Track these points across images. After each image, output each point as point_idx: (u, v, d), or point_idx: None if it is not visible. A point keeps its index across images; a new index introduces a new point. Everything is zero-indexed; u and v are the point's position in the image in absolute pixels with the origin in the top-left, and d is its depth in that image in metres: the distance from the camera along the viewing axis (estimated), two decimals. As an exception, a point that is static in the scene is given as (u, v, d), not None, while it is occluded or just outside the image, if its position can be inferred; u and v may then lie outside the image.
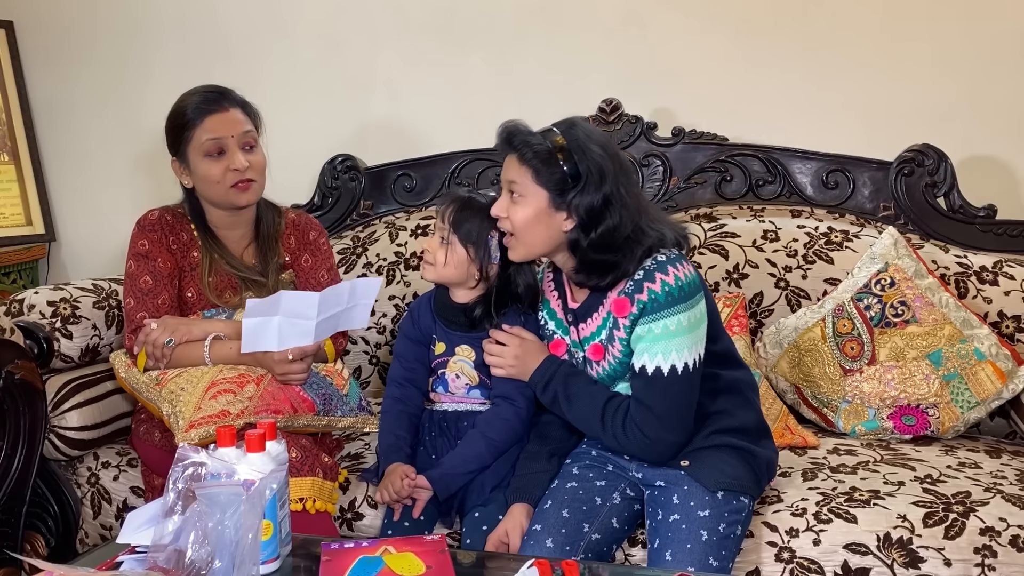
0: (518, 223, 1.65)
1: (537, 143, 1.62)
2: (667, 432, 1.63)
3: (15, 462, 1.96)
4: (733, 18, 2.53)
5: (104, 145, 3.02)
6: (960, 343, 2.05)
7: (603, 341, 1.69)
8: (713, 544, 1.56)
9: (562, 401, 1.71)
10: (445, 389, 1.86)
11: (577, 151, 1.60)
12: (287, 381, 1.85)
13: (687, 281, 1.61)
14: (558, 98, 2.61)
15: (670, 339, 1.60)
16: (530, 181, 1.62)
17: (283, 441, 1.39)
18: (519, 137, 1.64)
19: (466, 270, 1.79)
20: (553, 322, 1.79)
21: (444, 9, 2.72)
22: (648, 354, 1.61)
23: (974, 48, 2.40)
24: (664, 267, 1.61)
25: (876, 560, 1.60)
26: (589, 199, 1.60)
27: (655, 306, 1.60)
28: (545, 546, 1.60)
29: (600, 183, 1.60)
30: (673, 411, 1.63)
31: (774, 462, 1.76)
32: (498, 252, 1.78)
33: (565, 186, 1.60)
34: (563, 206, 1.61)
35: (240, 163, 1.94)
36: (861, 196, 2.38)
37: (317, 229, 2.16)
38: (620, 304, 1.64)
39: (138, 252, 1.98)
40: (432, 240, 1.82)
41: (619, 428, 1.65)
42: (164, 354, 1.88)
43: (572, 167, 1.60)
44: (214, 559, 1.18)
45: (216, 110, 1.95)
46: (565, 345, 1.77)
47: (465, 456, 1.76)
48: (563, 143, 1.61)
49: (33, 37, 3.03)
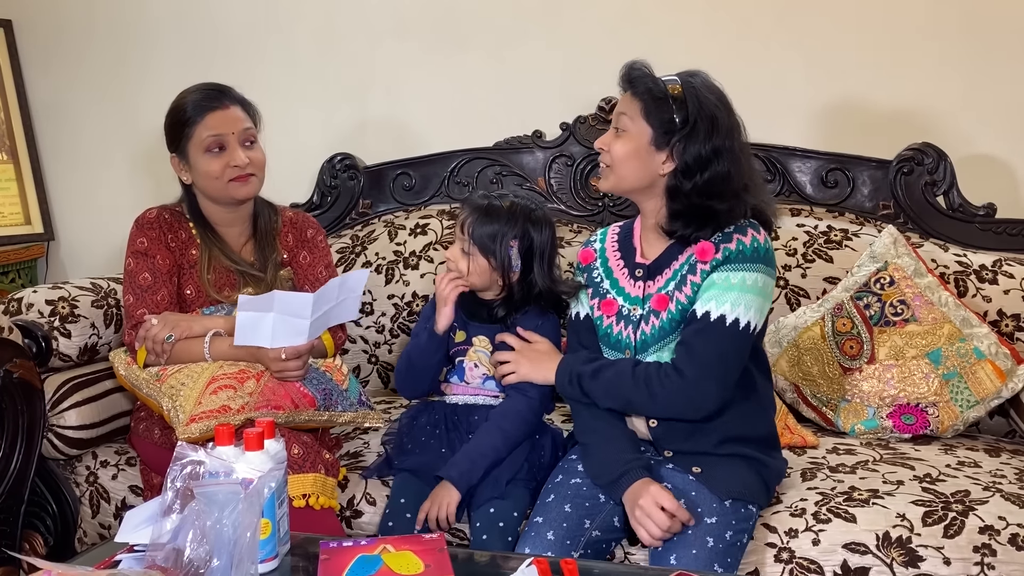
0: (617, 154, 1.68)
1: (652, 84, 1.66)
2: (706, 377, 1.61)
3: (13, 461, 1.96)
4: (733, 17, 2.53)
5: (103, 144, 3.02)
6: (959, 342, 2.05)
7: (670, 291, 1.69)
8: (719, 551, 1.55)
9: (587, 381, 1.70)
10: (460, 378, 1.87)
11: (692, 100, 1.63)
12: (284, 378, 1.85)
13: (771, 248, 1.67)
14: (558, 97, 2.61)
15: (743, 292, 1.62)
16: (638, 115, 1.66)
17: (282, 440, 1.39)
18: (637, 73, 1.68)
19: (489, 277, 1.82)
20: (609, 281, 1.79)
21: (443, 8, 2.72)
22: (716, 301, 1.62)
23: (974, 47, 2.40)
24: (756, 227, 1.67)
25: (875, 559, 1.60)
26: (697, 147, 1.63)
27: (740, 257, 1.63)
28: (546, 539, 1.60)
29: (711, 133, 1.63)
30: (716, 360, 1.61)
31: (783, 473, 1.77)
32: (519, 261, 1.80)
33: (671, 128, 1.63)
34: (665, 148, 1.65)
35: (240, 159, 1.95)
36: (861, 195, 2.38)
37: (314, 227, 2.17)
38: (705, 249, 1.66)
39: (137, 250, 1.98)
40: (454, 250, 1.83)
41: (653, 380, 1.64)
42: (164, 350, 1.88)
43: (683, 114, 1.63)
44: (212, 558, 1.18)
45: (217, 107, 1.96)
46: (617, 305, 1.76)
47: (482, 449, 1.76)
48: (678, 91, 1.64)
49: (32, 36, 3.03)
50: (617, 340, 1.75)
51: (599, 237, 1.86)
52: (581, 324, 1.81)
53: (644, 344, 1.72)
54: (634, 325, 1.73)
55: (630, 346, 1.73)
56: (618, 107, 1.71)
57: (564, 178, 2.54)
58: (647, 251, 1.76)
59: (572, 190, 2.54)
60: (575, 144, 2.52)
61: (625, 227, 1.84)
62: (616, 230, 1.85)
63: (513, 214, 1.79)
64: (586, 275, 1.82)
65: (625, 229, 1.83)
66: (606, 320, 1.77)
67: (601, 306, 1.78)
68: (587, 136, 2.49)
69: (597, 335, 1.79)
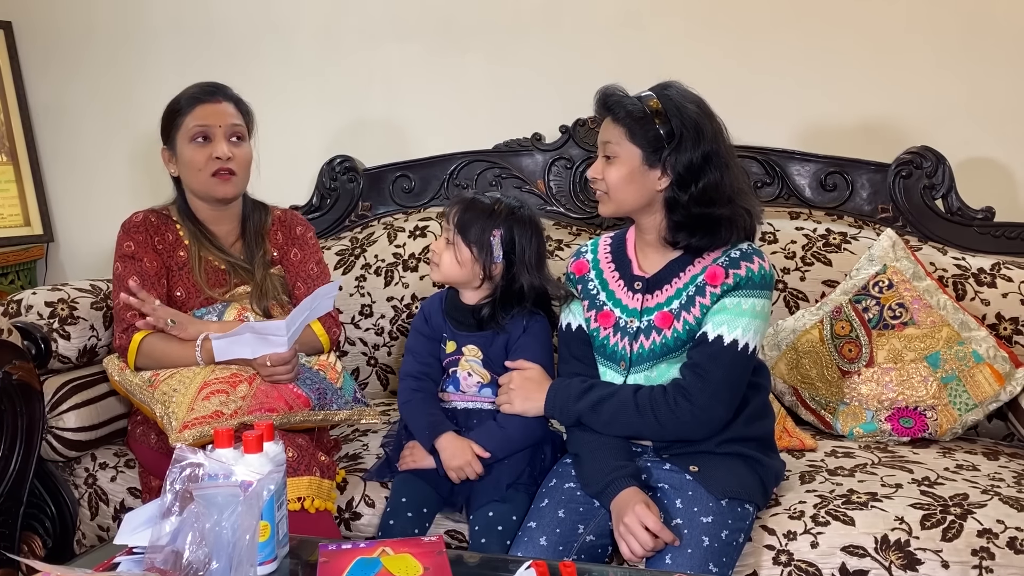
0: (612, 182, 1.69)
1: (631, 104, 1.66)
2: (717, 403, 1.65)
3: (12, 463, 1.96)
4: (732, 20, 2.54)
5: (102, 146, 3.02)
6: (958, 345, 2.05)
7: (675, 310, 1.70)
8: (714, 550, 1.55)
9: (587, 417, 1.71)
10: (456, 388, 1.87)
11: (672, 111, 1.64)
12: (275, 381, 1.86)
13: (771, 275, 1.71)
14: (557, 100, 2.62)
15: (752, 318, 1.65)
16: (624, 139, 1.67)
17: (281, 442, 1.39)
18: (613, 99, 1.69)
19: (470, 269, 1.81)
20: (605, 293, 1.79)
21: (442, 11, 2.72)
22: (728, 326, 1.65)
23: (973, 50, 2.41)
24: (761, 254, 1.70)
25: (874, 562, 1.60)
26: (687, 156, 1.64)
27: (749, 284, 1.66)
28: (539, 544, 1.61)
29: (698, 140, 1.64)
30: (727, 384, 1.65)
31: (781, 474, 1.77)
32: (500, 251, 1.80)
33: (659, 145, 1.65)
34: (657, 164, 1.66)
35: (223, 152, 1.97)
36: (859, 198, 2.38)
37: (303, 224, 2.18)
38: (715, 272, 1.68)
39: (124, 254, 1.99)
40: (438, 242, 1.85)
41: (661, 407, 1.66)
42: (166, 327, 1.90)
43: (667, 127, 1.64)
44: (211, 560, 1.18)
45: (208, 100, 1.99)
46: (614, 317, 1.76)
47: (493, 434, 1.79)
48: (658, 105, 1.65)
49: (31, 39, 3.04)
50: (613, 352, 1.76)
51: (590, 248, 1.86)
52: (573, 335, 1.81)
53: (640, 357, 1.73)
54: (631, 337, 1.74)
55: (625, 358, 1.74)
56: (601, 135, 1.72)
57: (563, 181, 2.54)
58: (645, 264, 1.77)
59: (571, 193, 2.54)
60: (574, 147, 2.53)
61: (617, 238, 1.85)
62: (608, 241, 1.85)
63: (496, 209, 1.82)
64: (580, 286, 1.83)
65: (617, 240, 1.84)
66: (602, 332, 1.77)
67: (598, 318, 1.78)
68: (586, 139, 2.50)
69: (590, 346, 1.80)
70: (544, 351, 1.84)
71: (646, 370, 1.72)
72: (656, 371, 1.72)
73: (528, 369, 1.81)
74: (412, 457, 1.82)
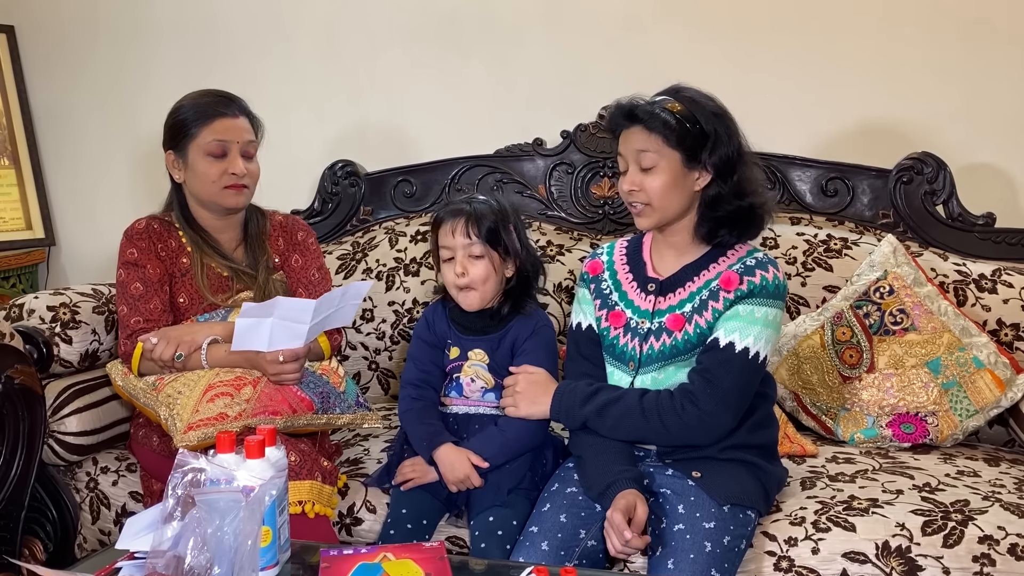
0: (655, 192, 1.68)
1: (660, 111, 1.66)
2: (724, 409, 1.65)
3: (14, 467, 1.96)
4: (732, 25, 2.54)
5: (104, 149, 3.02)
6: (959, 351, 2.05)
7: (687, 313, 1.71)
8: (716, 556, 1.55)
9: (593, 421, 1.71)
10: (459, 393, 1.87)
11: (698, 111, 1.66)
12: (280, 381, 1.86)
13: (785, 286, 1.72)
14: (558, 104, 2.62)
15: (764, 326, 1.66)
16: (663, 146, 1.66)
17: (283, 447, 1.39)
18: (642, 108, 1.68)
19: (500, 275, 1.84)
20: (617, 293, 1.80)
21: (444, 15, 2.72)
22: (740, 333, 1.65)
23: (973, 56, 2.41)
24: (775, 264, 1.72)
25: (875, 569, 1.60)
26: (724, 150, 1.66)
27: (763, 292, 1.67)
28: (540, 549, 1.61)
29: (728, 133, 1.66)
30: (735, 391, 1.66)
31: (783, 481, 1.78)
32: (517, 241, 1.84)
33: (696, 144, 1.65)
34: (696, 165, 1.67)
35: (239, 168, 1.98)
36: (860, 204, 2.39)
37: (304, 229, 2.18)
38: (729, 278, 1.69)
39: (127, 261, 1.99)
40: (465, 264, 1.81)
41: (667, 411, 1.66)
42: (176, 367, 1.90)
43: (699, 126, 1.65)
44: (213, 565, 1.18)
45: (227, 114, 1.99)
46: (625, 317, 1.77)
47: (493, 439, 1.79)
48: (681, 108, 1.66)
49: (34, 42, 3.04)
50: (622, 352, 1.76)
51: (606, 250, 1.87)
52: (583, 334, 1.82)
53: (649, 358, 1.73)
54: (641, 338, 1.74)
55: (634, 358, 1.75)
56: (631, 146, 1.69)
57: (564, 186, 2.55)
58: (659, 267, 1.78)
59: (572, 197, 2.54)
60: (575, 152, 2.53)
61: (634, 242, 1.86)
62: (624, 244, 1.87)
63: (487, 203, 1.83)
64: (593, 285, 1.83)
65: (634, 244, 1.85)
66: (613, 331, 1.78)
67: (609, 317, 1.78)
68: (587, 144, 2.50)
69: (599, 345, 1.80)
70: (549, 357, 1.85)
71: (654, 372, 1.73)
72: (664, 373, 1.72)
73: (533, 373, 1.81)
74: (414, 472, 1.81)
